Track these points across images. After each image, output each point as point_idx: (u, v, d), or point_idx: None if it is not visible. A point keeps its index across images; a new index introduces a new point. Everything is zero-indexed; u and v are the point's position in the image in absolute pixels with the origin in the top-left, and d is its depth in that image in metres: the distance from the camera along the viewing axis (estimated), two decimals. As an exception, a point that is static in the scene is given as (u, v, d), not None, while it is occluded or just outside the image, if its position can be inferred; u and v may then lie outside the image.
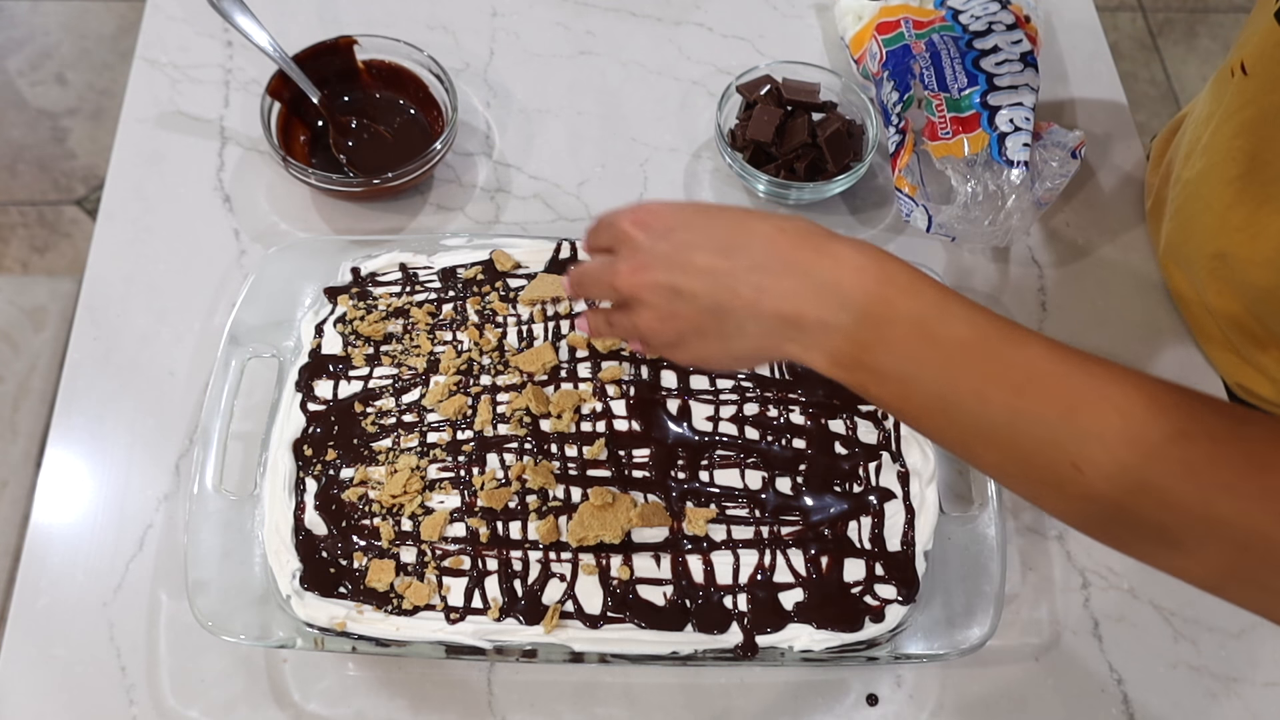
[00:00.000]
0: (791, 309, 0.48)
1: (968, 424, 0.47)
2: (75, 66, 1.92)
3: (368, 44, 0.85)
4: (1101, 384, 0.46)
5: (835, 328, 0.47)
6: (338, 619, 0.62)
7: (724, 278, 0.49)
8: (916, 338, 0.47)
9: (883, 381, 0.48)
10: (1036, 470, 0.47)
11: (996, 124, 0.78)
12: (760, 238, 0.49)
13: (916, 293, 0.47)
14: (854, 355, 0.47)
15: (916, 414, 0.49)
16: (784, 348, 0.49)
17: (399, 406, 0.68)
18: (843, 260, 0.48)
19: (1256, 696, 0.69)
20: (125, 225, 0.83)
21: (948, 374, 0.46)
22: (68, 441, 0.74)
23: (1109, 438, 0.44)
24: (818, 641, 0.62)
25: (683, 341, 0.52)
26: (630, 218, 0.52)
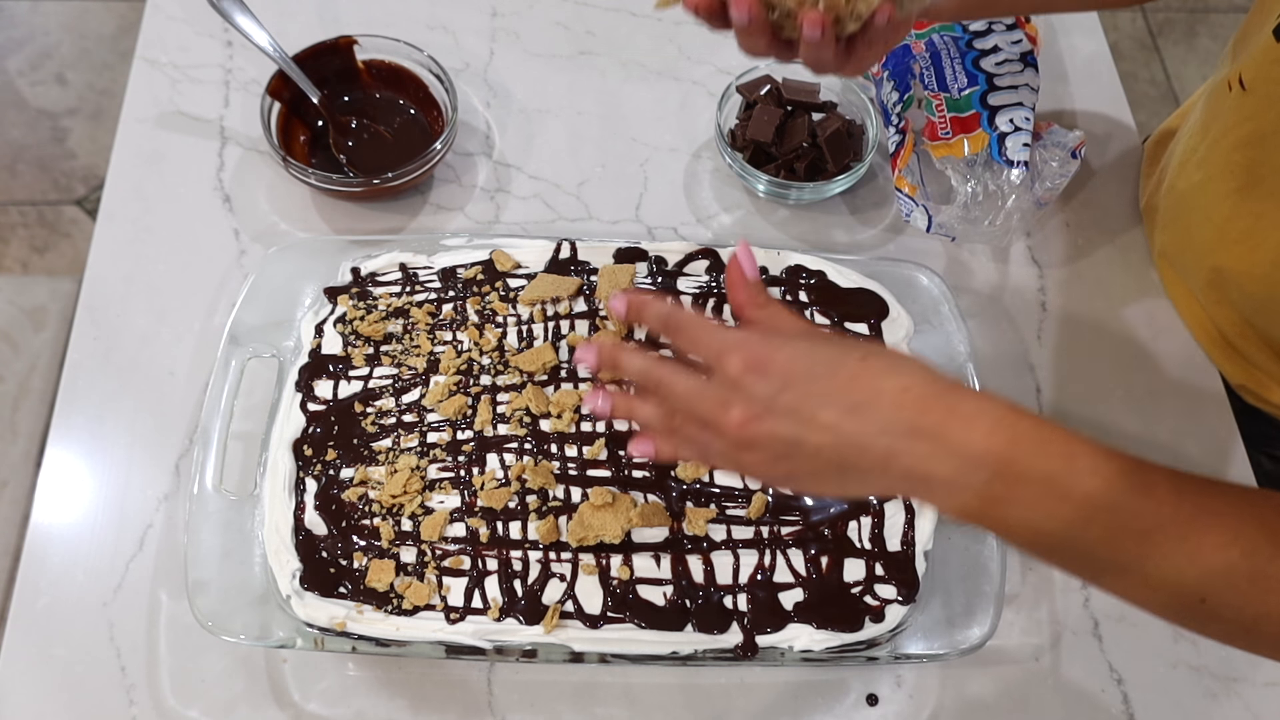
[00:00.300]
0: (923, 470, 0.48)
1: (1095, 567, 0.49)
2: (75, 66, 1.92)
3: (368, 44, 0.85)
4: (1223, 521, 0.48)
5: (965, 487, 0.48)
6: (338, 619, 0.62)
7: (852, 437, 0.48)
8: (1046, 496, 0.47)
9: (1011, 531, 0.49)
10: (1160, 599, 0.49)
11: (996, 124, 0.78)
12: (888, 398, 0.48)
13: (1045, 452, 0.48)
14: (982, 509, 0.48)
15: (1043, 554, 0.50)
16: (908, 493, 0.51)
17: (399, 406, 0.68)
18: (973, 422, 0.48)
19: (1256, 696, 0.69)
20: (125, 225, 0.83)
21: (1075, 526, 0.47)
22: (68, 441, 0.74)
23: (1235, 576, 0.47)
24: (818, 641, 0.62)
25: (794, 480, 0.51)
26: (738, 363, 0.50)
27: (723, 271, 0.75)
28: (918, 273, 0.77)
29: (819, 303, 0.73)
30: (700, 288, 0.73)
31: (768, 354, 0.50)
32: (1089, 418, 0.78)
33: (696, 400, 0.51)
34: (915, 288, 0.76)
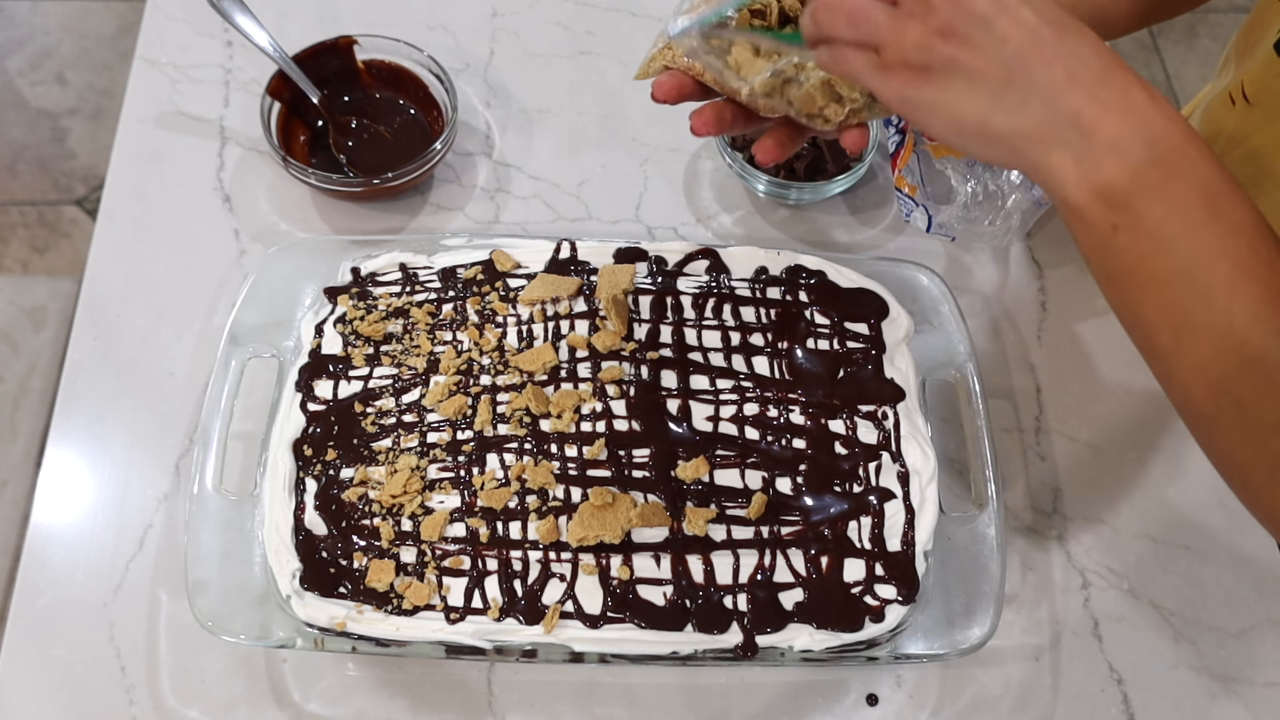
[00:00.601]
0: (1092, 115, 0.43)
1: (1199, 310, 0.44)
2: (75, 66, 1.92)
3: (368, 44, 0.85)
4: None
5: (1125, 155, 0.43)
6: (338, 619, 0.62)
7: (1045, 43, 0.43)
8: (1200, 202, 0.43)
9: (1139, 232, 0.44)
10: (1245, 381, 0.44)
11: (996, 124, 0.78)
12: (1090, 36, 0.44)
13: (1214, 162, 0.44)
14: (1127, 193, 0.43)
15: (1149, 282, 0.45)
16: (1051, 150, 0.44)
17: (399, 406, 0.68)
18: (1158, 101, 0.44)
19: (1256, 696, 0.69)
20: (125, 225, 0.83)
21: (1212, 250, 0.43)
22: (68, 441, 0.74)
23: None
24: (818, 641, 0.62)
25: (949, 74, 0.44)
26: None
27: (723, 272, 0.75)
28: (918, 273, 0.77)
29: (819, 303, 0.73)
30: (700, 288, 0.73)
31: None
32: (1089, 418, 0.78)
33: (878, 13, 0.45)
34: (915, 288, 0.76)
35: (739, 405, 0.69)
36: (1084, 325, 0.82)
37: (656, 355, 0.70)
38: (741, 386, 0.69)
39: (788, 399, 0.69)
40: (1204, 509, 0.75)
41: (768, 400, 0.69)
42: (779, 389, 0.69)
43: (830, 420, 0.68)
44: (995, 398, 0.78)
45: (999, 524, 0.67)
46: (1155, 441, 0.77)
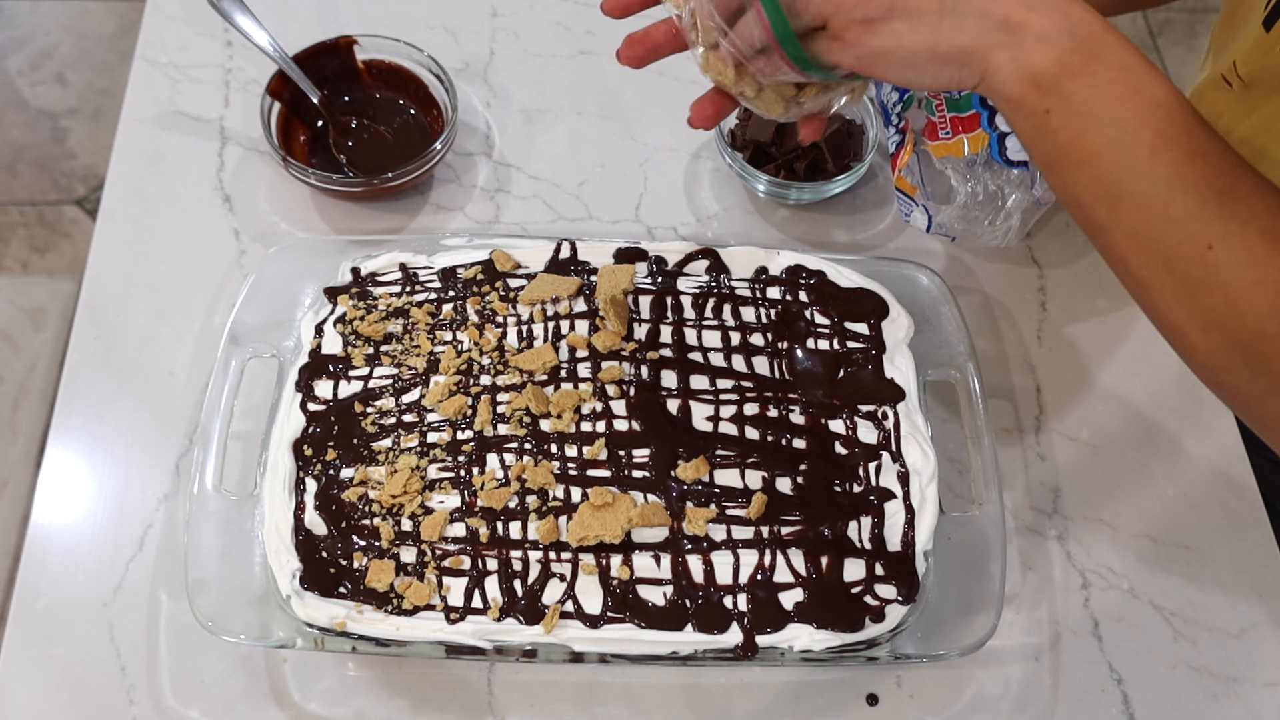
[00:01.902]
0: (1020, 16, 0.48)
1: (1126, 179, 0.48)
2: (75, 66, 1.92)
3: (368, 44, 0.85)
4: (1261, 181, 0.47)
5: (1052, 44, 0.48)
6: (338, 619, 0.62)
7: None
8: (1120, 79, 0.48)
9: (1068, 112, 0.48)
10: (1169, 242, 0.47)
11: (996, 124, 0.78)
12: None
13: (1132, 48, 0.49)
14: (1056, 78, 0.48)
15: (1081, 158, 0.49)
16: (990, 54, 0.49)
17: (399, 406, 0.68)
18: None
19: (1256, 696, 0.69)
20: (125, 225, 0.83)
21: (1133, 122, 0.47)
22: (68, 441, 0.74)
23: (1251, 226, 0.46)
24: (818, 641, 0.62)
25: (889, 19, 0.49)
26: None
27: (723, 272, 0.75)
28: (918, 273, 0.77)
29: (819, 303, 0.73)
30: (700, 288, 0.73)
31: None
32: (1089, 418, 0.78)
33: None
34: (915, 288, 0.76)
35: (739, 405, 0.69)
36: (1084, 325, 0.82)
37: (656, 355, 0.70)
38: (741, 386, 0.69)
39: (788, 399, 0.69)
40: (1204, 509, 0.75)
41: (768, 400, 0.69)
42: (779, 389, 0.69)
43: (830, 420, 0.68)
44: (995, 398, 0.78)
45: (999, 524, 0.67)
46: (1155, 441, 0.77)
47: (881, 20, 0.49)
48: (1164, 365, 0.80)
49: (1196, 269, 0.47)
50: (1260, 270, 0.46)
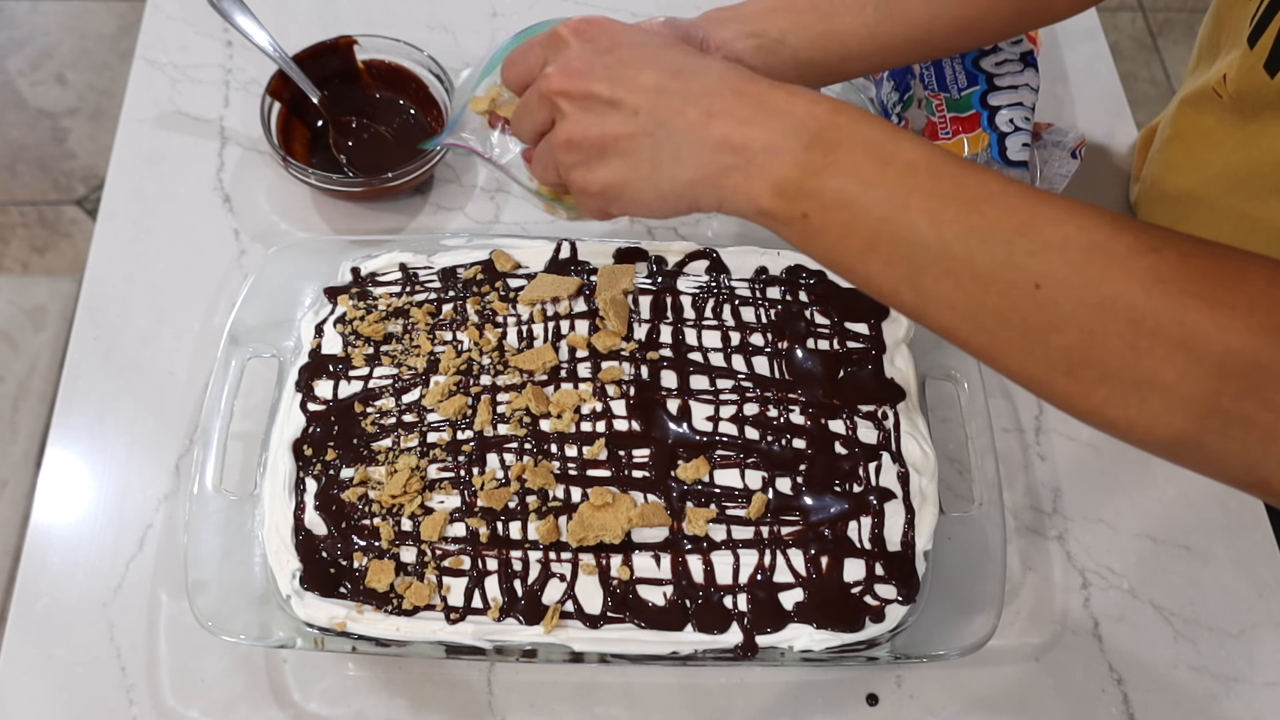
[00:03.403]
0: (740, 136, 0.45)
1: (917, 252, 0.44)
2: (75, 66, 1.92)
3: (368, 44, 0.85)
4: (1059, 203, 0.43)
5: (784, 152, 0.45)
6: (338, 619, 0.62)
7: (671, 96, 0.46)
8: (867, 159, 0.44)
9: (827, 209, 0.45)
10: (993, 297, 0.43)
11: (996, 124, 0.78)
12: (714, 69, 0.47)
13: (869, 120, 0.45)
14: (799, 182, 0.45)
15: (863, 245, 0.45)
16: (721, 180, 0.46)
17: (399, 406, 0.68)
18: (796, 93, 0.46)
19: (1256, 696, 0.69)
20: (125, 225, 0.83)
21: (897, 196, 0.44)
22: (68, 441, 0.74)
23: (1070, 249, 0.41)
24: (818, 641, 0.62)
25: (605, 158, 0.48)
26: (571, 25, 0.48)
27: (723, 272, 0.75)
28: (918, 273, 0.77)
29: (819, 302, 0.73)
30: (700, 288, 0.73)
31: (601, 21, 0.49)
32: (1089, 418, 0.78)
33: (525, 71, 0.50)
34: (915, 288, 0.76)
35: (739, 405, 0.69)
36: (1084, 325, 0.82)
37: (656, 355, 0.70)
38: (741, 386, 0.69)
39: (788, 399, 0.69)
40: (1204, 509, 0.75)
41: (768, 400, 0.69)
42: (779, 389, 0.69)
43: (830, 420, 0.68)
44: (995, 398, 0.78)
45: (999, 524, 0.67)
46: (1155, 441, 0.77)
47: (598, 161, 0.48)
48: (1164, 365, 0.80)
49: (1033, 314, 0.42)
50: (1102, 288, 0.41)
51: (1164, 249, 0.41)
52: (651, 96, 0.46)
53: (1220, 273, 0.40)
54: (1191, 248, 0.41)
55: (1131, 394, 0.42)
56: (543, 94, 0.48)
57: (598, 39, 0.48)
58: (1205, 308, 0.39)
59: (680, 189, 0.48)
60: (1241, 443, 0.41)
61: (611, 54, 0.47)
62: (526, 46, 0.51)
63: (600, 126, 0.47)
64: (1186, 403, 0.41)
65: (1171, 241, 0.41)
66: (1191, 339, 0.40)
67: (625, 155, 0.47)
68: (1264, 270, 0.41)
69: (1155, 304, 0.40)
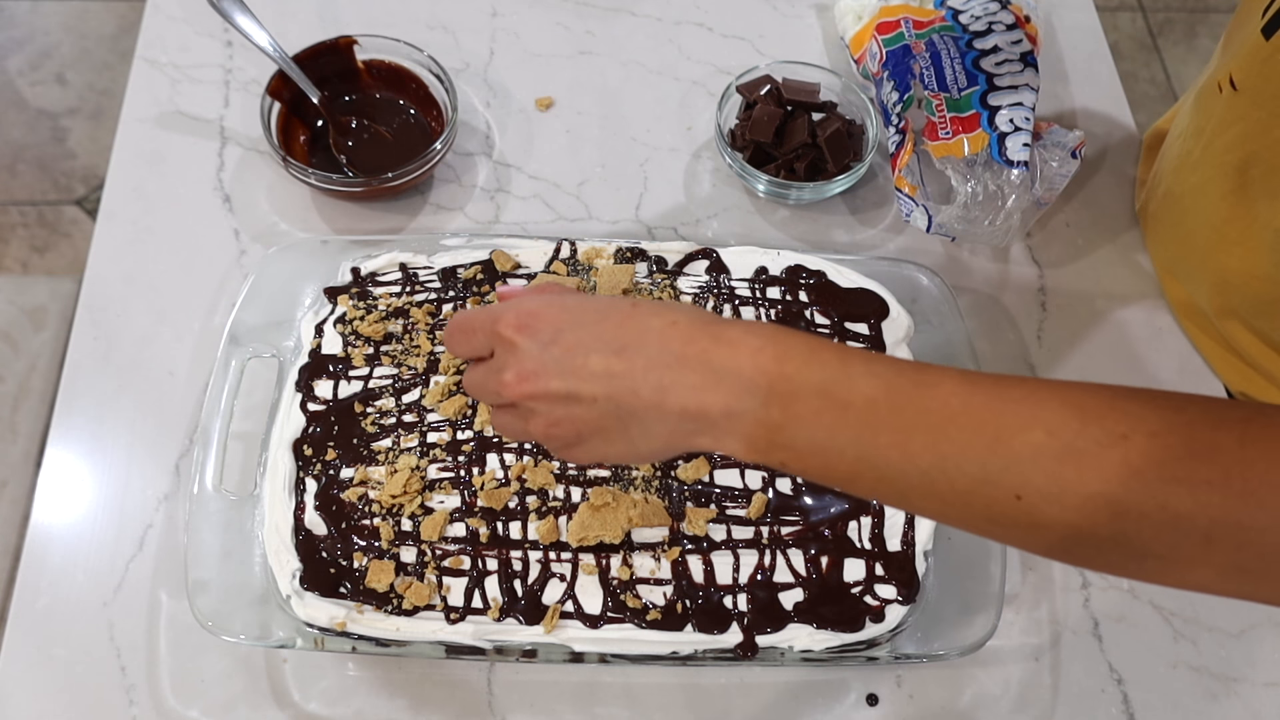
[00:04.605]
0: (696, 404, 0.46)
1: (898, 480, 0.45)
2: (75, 66, 1.92)
3: (368, 44, 0.85)
4: (1022, 406, 0.44)
5: (743, 414, 0.46)
6: (338, 619, 0.62)
7: (622, 379, 0.47)
8: (825, 406, 0.45)
9: (803, 457, 0.46)
10: (980, 510, 0.45)
11: (996, 124, 0.78)
12: (654, 334, 0.48)
13: (817, 362, 0.46)
14: (768, 437, 0.46)
15: (844, 480, 0.47)
16: (694, 441, 0.48)
17: (399, 406, 0.68)
18: (738, 344, 0.46)
19: (1256, 696, 0.69)
20: (125, 225, 0.83)
21: (865, 435, 0.45)
22: (68, 441, 0.74)
23: (1042, 458, 0.43)
24: (818, 641, 0.62)
25: (582, 442, 0.50)
26: (510, 322, 0.49)
27: (723, 272, 0.75)
28: (918, 273, 0.77)
29: (819, 303, 0.73)
30: (700, 287, 0.73)
31: (537, 309, 0.49)
32: (1089, 418, 0.78)
33: (486, 379, 0.51)
34: (915, 288, 0.76)
35: (739, 405, 0.68)
36: (1084, 325, 0.82)
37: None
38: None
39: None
40: (1204, 509, 0.75)
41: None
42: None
43: (830, 420, 0.68)
44: (995, 398, 0.78)
45: (999, 524, 0.67)
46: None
47: (577, 447, 0.50)
48: (1163, 365, 0.80)
49: (1020, 518, 0.44)
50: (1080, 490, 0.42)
51: (1132, 435, 0.42)
52: (604, 383, 0.47)
53: (1191, 449, 0.42)
54: (1159, 424, 0.42)
55: (1130, 561, 0.44)
56: (506, 400, 0.50)
57: (540, 331, 0.49)
58: (1184, 490, 0.41)
59: (659, 450, 0.49)
60: (1240, 583, 0.43)
61: (556, 344, 0.48)
62: (468, 327, 0.52)
63: (569, 420, 0.49)
64: (1181, 564, 0.43)
65: (1141, 422, 0.43)
66: (1176, 520, 0.41)
67: (599, 437, 0.49)
68: (1233, 431, 0.42)
69: (1135, 496, 0.42)
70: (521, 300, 0.50)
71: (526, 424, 0.50)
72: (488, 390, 0.51)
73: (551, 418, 0.49)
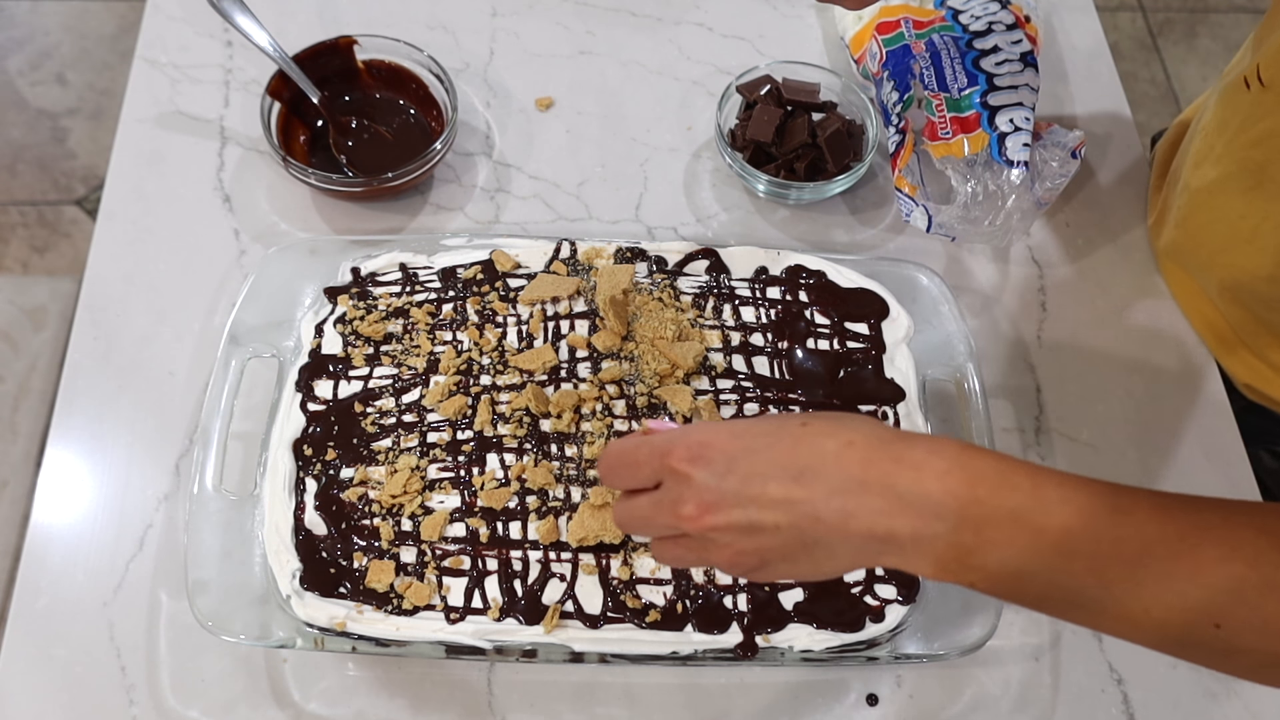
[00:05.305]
0: (884, 529, 0.45)
1: (1091, 606, 0.46)
2: (75, 66, 1.92)
3: (368, 44, 0.85)
4: (1220, 534, 0.44)
5: (933, 538, 0.45)
6: (338, 619, 0.62)
7: (803, 506, 0.46)
8: (1019, 533, 0.44)
9: (994, 579, 0.46)
10: (1175, 635, 0.45)
11: (996, 124, 0.78)
12: (831, 458, 0.47)
13: (1008, 486, 0.45)
14: (958, 559, 0.45)
15: (1035, 602, 0.47)
16: (880, 560, 0.47)
17: (399, 406, 0.68)
18: (923, 468, 0.45)
19: (1256, 696, 0.69)
20: (125, 225, 0.83)
21: (1060, 561, 0.45)
22: (68, 441, 0.74)
23: (1246, 591, 0.43)
24: (818, 641, 0.62)
25: (767, 566, 0.49)
26: (682, 455, 0.48)
27: (723, 272, 0.75)
28: (918, 273, 0.77)
29: (819, 303, 0.73)
30: (700, 287, 0.73)
31: (706, 438, 0.48)
32: (1089, 418, 0.78)
33: (656, 513, 0.49)
34: (915, 288, 0.76)
35: (739, 405, 0.69)
36: (1084, 325, 0.82)
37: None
38: (741, 386, 0.69)
39: (788, 399, 0.69)
40: (1204, 509, 0.75)
41: (768, 400, 0.69)
42: (779, 389, 0.69)
43: (830, 420, 0.68)
44: (995, 398, 0.78)
45: (999, 524, 0.67)
46: (1155, 441, 0.77)
47: (763, 571, 0.49)
48: (1164, 365, 0.80)
49: (1216, 643, 0.44)
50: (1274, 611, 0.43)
51: None
52: (786, 510, 0.47)
53: None
54: None
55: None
56: (682, 529, 0.49)
57: (714, 461, 0.48)
58: None
59: (844, 569, 0.49)
60: None
61: (733, 473, 0.47)
62: (632, 460, 0.50)
63: (755, 550, 0.48)
64: None
65: None
66: None
67: (785, 561, 0.48)
68: None
69: None
70: (688, 432, 0.49)
71: (706, 554, 0.49)
72: (657, 524, 0.50)
73: (736, 548, 0.48)
